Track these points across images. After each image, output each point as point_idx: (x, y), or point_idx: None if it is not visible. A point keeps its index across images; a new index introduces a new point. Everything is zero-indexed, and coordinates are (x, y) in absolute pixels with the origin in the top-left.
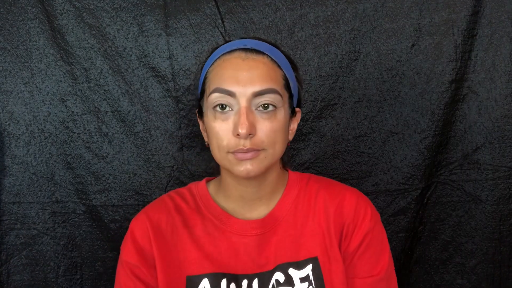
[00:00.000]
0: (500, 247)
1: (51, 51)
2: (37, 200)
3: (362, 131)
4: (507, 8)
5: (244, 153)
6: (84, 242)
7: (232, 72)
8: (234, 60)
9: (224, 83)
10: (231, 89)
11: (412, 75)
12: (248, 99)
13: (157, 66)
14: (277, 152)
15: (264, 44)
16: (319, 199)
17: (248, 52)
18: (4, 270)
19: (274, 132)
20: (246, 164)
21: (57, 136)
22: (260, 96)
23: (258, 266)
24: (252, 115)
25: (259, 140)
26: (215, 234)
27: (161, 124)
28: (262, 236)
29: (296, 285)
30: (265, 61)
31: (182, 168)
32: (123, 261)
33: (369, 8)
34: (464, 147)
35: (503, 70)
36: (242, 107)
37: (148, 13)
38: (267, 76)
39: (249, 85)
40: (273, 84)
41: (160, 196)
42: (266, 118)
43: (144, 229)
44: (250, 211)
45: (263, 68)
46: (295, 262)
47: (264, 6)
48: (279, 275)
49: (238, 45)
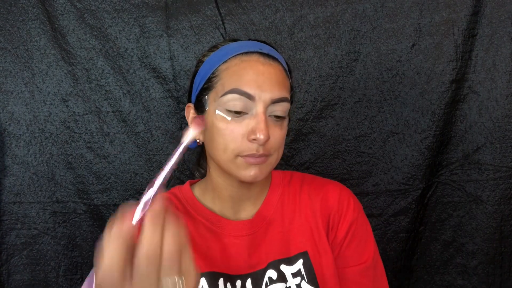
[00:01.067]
0: (501, 247)
1: (52, 52)
2: (38, 200)
3: (362, 131)
4: (507, 8)
5: (256, 158)
6: (84, 241)
7: (253, 75)
8: (254, 63)
9: (244, 86)
10: (251, 92)
11: (412, 75)
12: (266, 104)
13: (158, 66)
14: (279, 158)
15: (275, 51)
16: (304, 194)
17: (266, 57)
18: (4, 269)
19: (282, 139)
20: (255, 169)
21: (57, 136)
22: (276, 103)
23: (250, 266)
24: (267, 121)
25: (271, 146)
26: (207, 236)
27: (162, 124)
28: (253, 236)
29: (288, 281)
30: (280, 68)
31: (183, 168)
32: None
33: (369, 8)
34: (464, 147)
35: (503, 70)
36: (261, 113)
37: (150, 14)
38: (283, 84)
39: (268, 91)
40: (287, 93)
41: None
42: (277, 126)
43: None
44: (239, 211)
45: (279, 76)
46: (286, 258)
47: (264, 7)
48: (272, 273)
49: (254, 48)
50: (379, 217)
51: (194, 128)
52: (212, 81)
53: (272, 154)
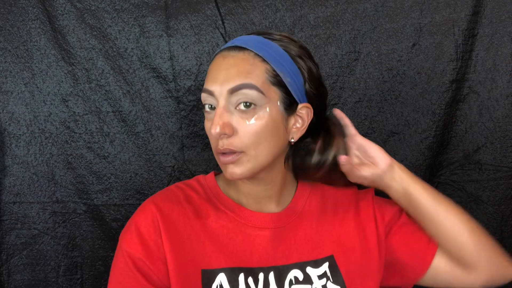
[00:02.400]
0: (501, 248)
1: (52, 52)
2: (38, 200)
3: (362, 131)
4: (508, 7)
5: (226, 156)
6: (84, 241)
7: (213, 72)
8: (217, 59)
9: (207, 83)
10: (211, 88)
11: (412, 75)
12: (225, 97)
13: (158, 66)
14: (261, 154)
15: (253, 39)
16: (336, 199)
17: (231, 50)
18: (4, 269)
19: (256, 133)
20: (230, 167)
21: (57, 136)
22: (236, 93)
23: (274, 259)
24: (228, 115)
25: (238, 141)
26: (229, 226)
27: (162, 124)
28: (278, 230)
29: (314, 283)
30: (245, 57)
31: (183, 168)
32: (124, 251)
33: (369, 8)
34: (465, 147)
35: (504, 70)
36: (219, 107)
37: (149, 14)
38: (243, 72)
39: (225, 83)
40: (251, 79)
41: (167, 187)
42: (246, 118)
43: (152, 220)
44: (261, 207)
45: (240, 64)
46: (312, 261)
47: (264, 7)
48: (297, 273)
49: (227, 45)
50: None
51: None
52: None
53: (246, 151)
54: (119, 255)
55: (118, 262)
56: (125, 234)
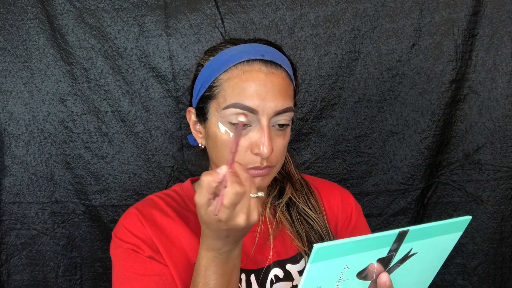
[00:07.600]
0: (501, 247)
1: (51, 51)
2: (37, 200)
3: (362, 131)
4: (507, 7)
5: (261, 170)
6: (83, 242)
7: (255, 88)
8: (256, 73)
9: (247, 100)
10: (254, 106)
11: (412, 75)
12: (269, 117)
13: (158, 66)
14: (281, 166)
15: (277, 54)
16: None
17: (268, 65)
18: (4, 270)
19: (284, 148)
20: (259, 180)
21: (56, 136)
22: (280, 115)
23: (255, 262)
24: (270, 134)
25: (274, 157)
26: None
27: (161, 124)
28: (257, 233)
29: (295, 279)
30: (283, 76)
31: (182, 168)
32: (121, 242)
33: (369, 8)
34: (465, 147)
35: (504, 70)
36: (264, 126)
37: (149, 13)
38: (286, 94)
39: (271, 103)
40: (290, 102)
41: (146, 197)
42: (280, 135)
43: (138, 221)
44: None
45: (282, 85)
46: (291, 258)
47: (264, 6)
48: (278, 271)
49: (256, 55)
50: (378, 217)
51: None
52: (213, 91)
53: (276, 164)
54: (117, 248)
55: (118, 253)
56: (117, 233)
